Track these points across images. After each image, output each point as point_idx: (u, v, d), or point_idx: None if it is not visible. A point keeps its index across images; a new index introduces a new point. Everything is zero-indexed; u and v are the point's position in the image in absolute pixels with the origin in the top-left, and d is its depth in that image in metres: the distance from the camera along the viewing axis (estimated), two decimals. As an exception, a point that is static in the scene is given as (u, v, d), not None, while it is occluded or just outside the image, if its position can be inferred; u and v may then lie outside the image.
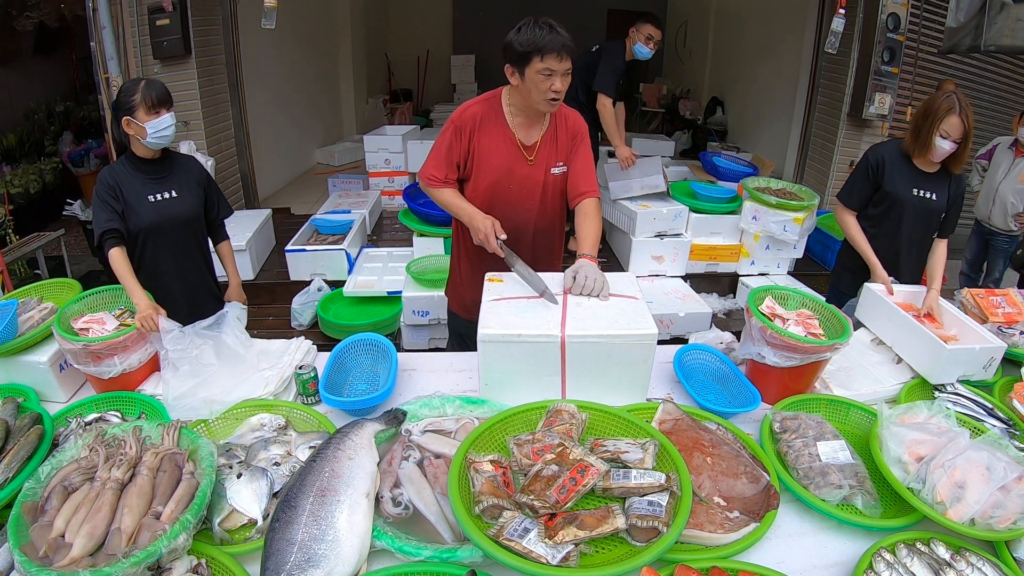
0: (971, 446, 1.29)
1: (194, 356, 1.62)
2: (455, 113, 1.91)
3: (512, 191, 1.94)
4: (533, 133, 1.93)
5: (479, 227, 1.83)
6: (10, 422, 1.36)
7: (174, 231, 2.20)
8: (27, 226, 4.68)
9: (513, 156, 1.91)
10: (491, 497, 1.15)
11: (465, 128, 1.88)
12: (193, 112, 4.51)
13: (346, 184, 5.64)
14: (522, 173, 1.93)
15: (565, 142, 1.97)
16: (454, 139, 1.89)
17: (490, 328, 1.51)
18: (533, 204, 1.99)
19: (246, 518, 1.21)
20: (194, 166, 2.29)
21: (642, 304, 1.63)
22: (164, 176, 2.18)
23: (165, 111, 2.02)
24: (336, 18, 7.44)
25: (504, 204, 1.95)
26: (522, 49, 1.72)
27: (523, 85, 1.78)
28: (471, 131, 1.89)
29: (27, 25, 5.85)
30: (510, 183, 1.93)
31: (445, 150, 1.91)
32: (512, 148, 1.91)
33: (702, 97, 8.66)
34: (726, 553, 1.15)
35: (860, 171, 2.48)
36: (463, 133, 1.89)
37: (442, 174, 1.92)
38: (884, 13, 4.76)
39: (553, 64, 1.71)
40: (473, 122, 1.88)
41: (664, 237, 4.03)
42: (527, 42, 1.71)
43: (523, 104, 1.86)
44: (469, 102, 1.93)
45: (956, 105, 2.14)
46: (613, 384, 1.56)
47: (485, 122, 1.89)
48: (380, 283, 3.70)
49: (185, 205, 2.21)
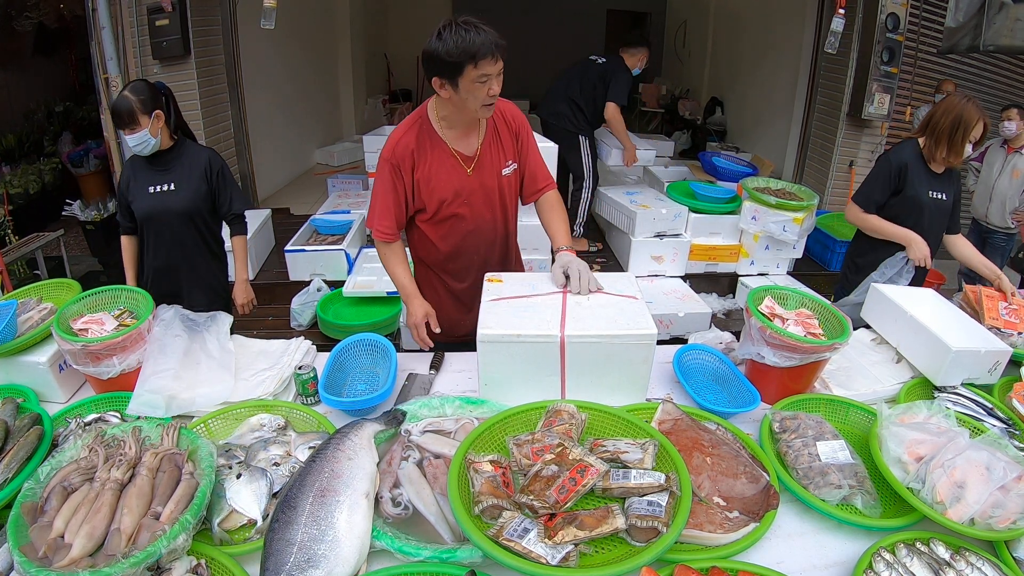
0: (971, 446, 1.29)
1: (167, 347, 1.62)
2: (385, 151, 1.76)
3: (471, 207, 1.84)
4: (472, 141, 1.80)
5: (414, 313, 1.81)
6: (9, 422, 1.35)
7: (170, 223, 2.27)
8: (26, 226, 4.68)
9: (459, 173, 1.79)
10: (491, 497, 1.15)
11: (404, 164, 1.75)
12: (192, 112, 4.51)
13: (345, 184, 5.64)
14: (470, 187, 1.81)
15: (509, 139, 1.86)
16: (395, 179, 1.76)
17: (489, 328, 1.51)
18: (496, 213, 1.89)
19: (246, 518, 1.21)
20: (201, 160, 2.30)
21: (641, 304, 1.63)
22: (167, 169, 2.25)
23: (139, 128, 2.10)
24: (335, 18, 7.44)
25: (462, 225, 1.86)
26: (452, 60, 1.54)
27: (456, 96, 1.62)
28: (411, 165, 1.76)
29: (27, 25, 5.84)
30: (465, 200, 1.81)
31: (391, 196, 1.78)
32: (455, 165, 1.78)
33: (701, 97, 8.66)
34: (726, 553, 1.15)
35: (880, 175, 2.45)
36: (401, 170, 1.76)
37: (393, 222, 1.80)
38: (883, 13, 4.76)
39: (488, 68, 1.56)
40: (408, 155, 1.75)
41: (663, 237, 4.03)
42: (457, 51, 1.53)
43: (456, 116, 1.73)
44: (396, 134, 1.78)
45: (981, 112, 2.22)
46: (613, 384, 1.56)
47: (420, 150, 1.76)
48: (380, 283, 3.70)
49: (181, 198, 2.25)
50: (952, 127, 2.27)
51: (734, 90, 7.77)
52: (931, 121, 2.35)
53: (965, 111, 2.24)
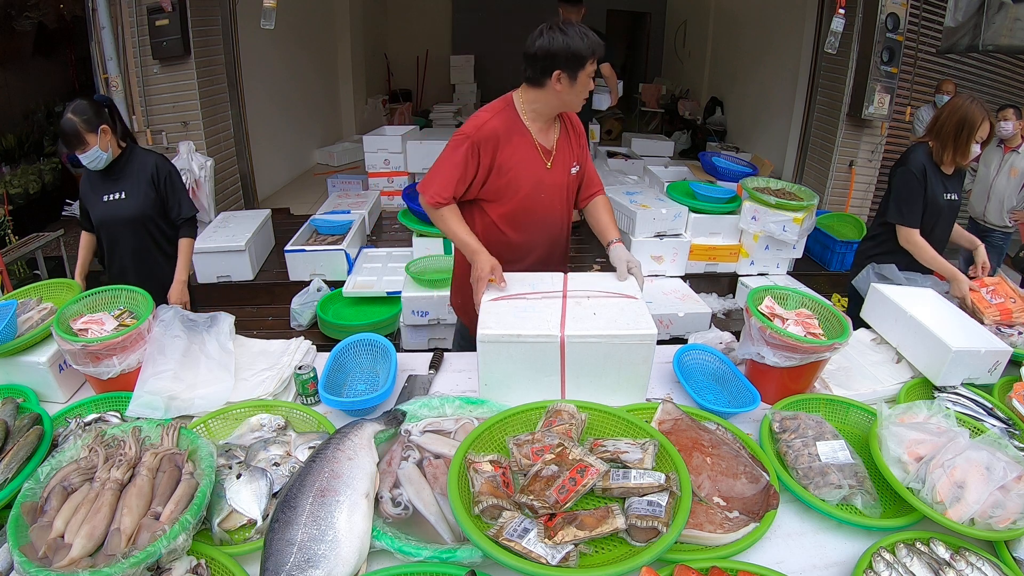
0: (971, 446, 1.29)
1: (165, 347, 1.63)
2: (469, 128, 1.78)
3: (542, 201, 1.88)
4: (551, 136, 1.87)
5: (481, 266, 1.72)
6: (9, 423, 1.35)
7: (124, 230, 2.39)
8: (26, 227, 4.68)
9: (540, 165, 1.85)
10: (490, 497, 1.15)
11: (486, 145, 1.76)
12: (192, 112, 4.51)
13: (345, 184, 5.65)
14: (549, 181, 1.87)
15: (575, 142, 1.94)
16: (469, 157, 1.76)
17: (489, 328, 1.50)
18: (561, 208, 1.95)
19: (245, 518, 1.21)
20: (148, 167, 2.40)
21: (641, 304, 1.63)
22: (117, 178, 2.35)
23: (88, 146, 2.20)
24: (335, 18, 7.44)
25: (535, 216, 1.89)
26: (581, 53, 1.67)
27: (570, 88, 1.73)
28: (493, 148, 1.77)
29: (26, 26, 5.84)
30: (540, 193, 1.86)
31: (459, 170, 1.77)
32: (537, 157, 1.84)
33: (701, 97, 8.67)
34: (726, 553, 1.15)
35: (913, 188, 2.42)
36: (481, 151, 1.76)
37: (451, 195, 1.80)
38: (883, 13, 4.76)
39: (595, 65, 1.73)
40: (493, 137, 1.77)
41: (663, 237, 4.03)
42: (584, 46, 1.67)
43: (548, 109, 1.80)
44: (482, 115, 1.81)
45: (985, 111, 2.25)
46: (613, 384, 1.56)
47: (507, 135, 1.79)
48: (379, 283, 3.70)
49: (130, 206, 2.36)
50: (958, 128, 2.29)
51: (734, 90, 7.77)
52: (937, 123, 2.37)
53: (970, 111, 2.26)
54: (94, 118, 2.19)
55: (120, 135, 2.34)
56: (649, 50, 11.17)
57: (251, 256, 4.05)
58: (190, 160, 4.26)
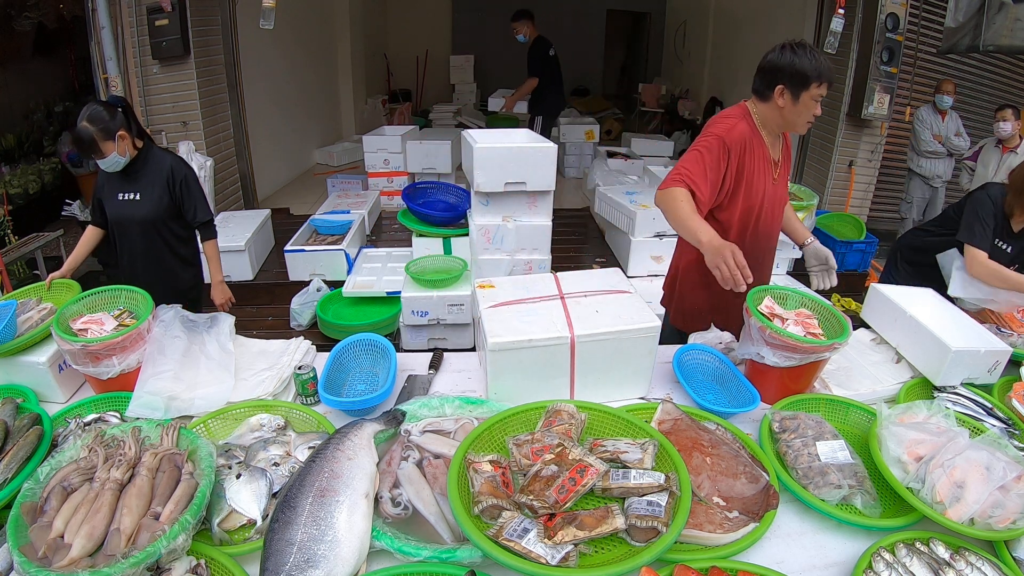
0: (970, 446, 1.29)
1: (165, 347, 1.63)
2: (719, 128, 1.81)
3: (765, 210, 1.92)
4: (776, 151, 1.94)
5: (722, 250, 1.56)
6: (9, 423, 1.35)
7: (134, 229, 2.39)
8: (26, 227, 4.68)
9: (769, 176, 1.90)
10: (490, 497, 1.15)
11: (735, 148, 1.80)
12: (192, 113, 4.52)
13: (345, 184, 5.65)
14: (773, 192, 1.92)
15: (788, 156, 2.00)
16: (722, 155, 1.79)
17: (499, 336, 1.50)
18: (777, 221, 2.00)
19: (245, 518, 1.21)
20: (164, 169, 2.37)
21: (637, 297, 1.65)
22: (133, 178, 2.35)
23: (105, 154, 2.20)
24: (335, 18, 7.44)
25: (757, 227, 1.94)
26: (807, 73, 1.71)
27: (791, 106, 1.77)
28: (740, 152, 1.81)
29: (26, 26, 5.84)
30: (764, 203, 1.90)
31: (713, 163, 1.78)
32: (768, 168, 1.89)
33: (701, 97, 8.67)
34: (725, 553, 1.15)
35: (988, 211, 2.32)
36: (732, 153, 1.80)
37: (693, 182, 1.75)
38: (883, 13, 4.77)
39: (824, 91, 1.75)
40: (742, 140, 1.80)
41: (663, 237, 4.03)
42: (810, 68, 1.71)
43: (775, 123, 1.86)
44: (730, 119, 1.84)
45: None
46: (619, 379, 1.57)
47: (751, 142, 1.83)
48: (379, 283, 3.70)
49: (144, 207, 2.36)
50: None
51: (734, 90, 7.77)
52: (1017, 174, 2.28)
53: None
54: (111, 125, 2.17)
55: (136, 134, 2.33)
56: (649, 50, 11.19)
57: (251, 256, 4.06)
58: (190, 160, 4.27)
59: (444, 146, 4.96)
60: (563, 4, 10.32)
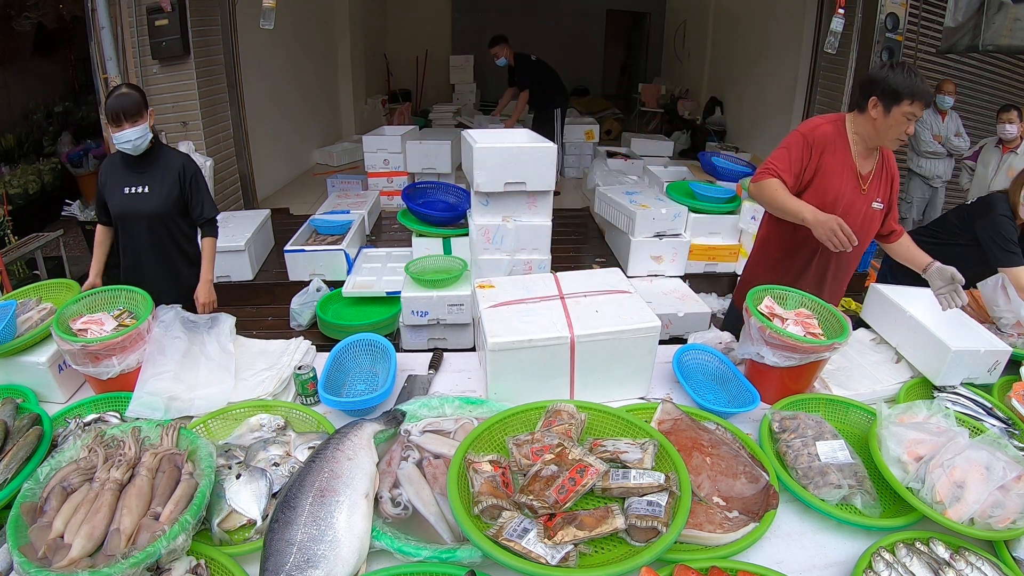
0: (970, 446, 1.29)
1: (165, 348, 1.63)
2: (805, 127, 1.97)
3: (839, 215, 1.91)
4: (867, 164, 1.98)
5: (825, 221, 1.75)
6: (9, 423, 1.35)
7: (140, 223, 2.37)
8: (26, 227, 4.67)
9: (850, 183, 1.95)
10: (490, 497, 1.15)
11: (816, 145, 1.92)
12: (192, 112, 4.51)
13: (345, 184, 5.64)
14: (851, 200, 1.96)
15: (887, 181, 2.04)
16: (804, 151, 1.92)
17: (499, 336, 1.50)
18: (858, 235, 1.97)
19: (245, 519, 1.21)
20: (176, 164, 2.38)
21: (637, 297, 1.65)
22: (143, 172, 2.34)
23: (128, 124, 2.17)
24: (335, 18, 7.44)
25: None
26: (899, 89, 1.78)
27: (882, 120, 1.84)
28: (821, 150, 1.92)
29: (26, 26, 5.84)
30: (838, 207, 1.93)
31: (797, 157, 1.93)
32: (850, 175, 1.95)
33: (701, 97, 8.66)
34: (725, 553, 1.15)
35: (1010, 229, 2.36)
36: (813, 149, 1.92)
37: (791, 176, 1.92)
38: (883, 13, 4.77)
39: (918, 111, 1.81)
40: (824, 141, 1.93)
41: (663, 237, 4.03)
42: (905, 84, 1.78)
43: (868, 136, 1.92)
44: (818, 120, 1.98)
45: None
46: (619, 379, 1.58)
47: (834, 144, 1.94)
48: (379, 283, 3.70)
49: (152, 201, 2.35)
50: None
51: (733, 90, 7.77)
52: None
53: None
54: (144, 99, 2.23)
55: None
56: (649, 50, 11.18)
57: (251, 256, 4.05)
58: (190, 160, 4.26)
59: (444, 146, 4.96)
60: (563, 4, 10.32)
